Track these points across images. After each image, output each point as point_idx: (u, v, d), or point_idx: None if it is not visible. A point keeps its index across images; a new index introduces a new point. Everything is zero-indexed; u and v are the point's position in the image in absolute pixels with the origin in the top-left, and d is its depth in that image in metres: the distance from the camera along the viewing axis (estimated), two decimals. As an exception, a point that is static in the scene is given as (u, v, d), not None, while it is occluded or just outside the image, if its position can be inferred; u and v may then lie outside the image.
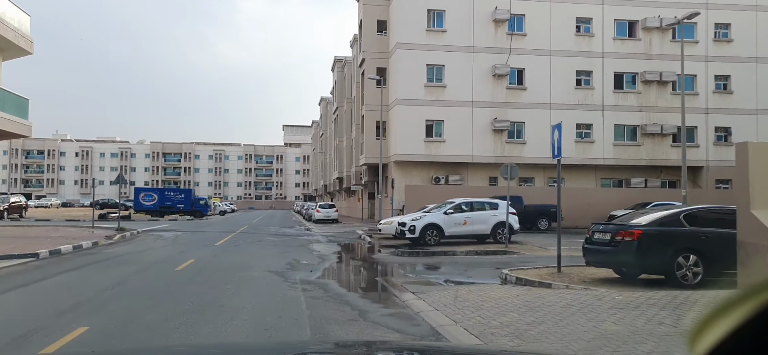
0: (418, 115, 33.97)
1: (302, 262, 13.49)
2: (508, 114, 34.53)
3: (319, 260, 13.90)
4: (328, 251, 16.95)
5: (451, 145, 34.15)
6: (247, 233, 26.60)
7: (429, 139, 34.18)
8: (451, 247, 17.75)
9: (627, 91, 35.66)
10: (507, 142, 34.71)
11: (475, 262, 13.98)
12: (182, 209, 52.61)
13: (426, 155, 34.10)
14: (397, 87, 34.04)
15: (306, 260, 13.98)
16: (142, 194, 52.89)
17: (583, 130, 35.37)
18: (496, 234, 18.96)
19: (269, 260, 13.69)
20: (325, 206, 39.01)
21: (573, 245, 19.46)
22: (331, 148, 65.40)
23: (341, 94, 53.79)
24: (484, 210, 19.35)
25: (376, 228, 26.00)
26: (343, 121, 53.41)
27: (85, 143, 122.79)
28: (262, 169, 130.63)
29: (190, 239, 21.55)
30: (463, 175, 34.88)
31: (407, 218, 19.16)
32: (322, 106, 76.02)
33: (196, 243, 19.31)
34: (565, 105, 34.81)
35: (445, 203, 20.02)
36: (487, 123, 34.45)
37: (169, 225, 34.87)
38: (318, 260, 13.91)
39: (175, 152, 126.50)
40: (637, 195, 32.21)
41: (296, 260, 13.85)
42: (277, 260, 13.92)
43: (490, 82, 34.60)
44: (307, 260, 14.00)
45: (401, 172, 34.30)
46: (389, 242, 20.35)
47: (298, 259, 14.08)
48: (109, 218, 42.56)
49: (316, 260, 13.93)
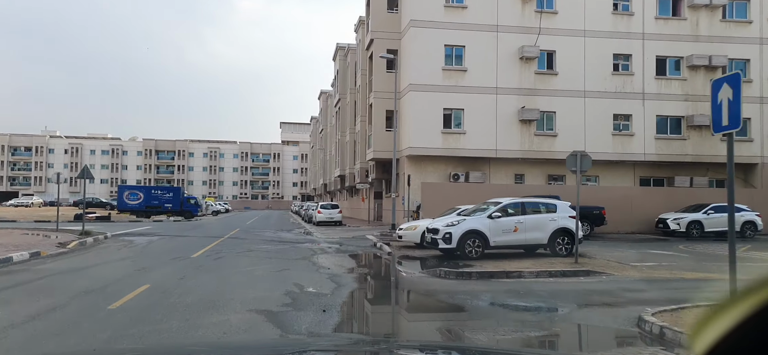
0: (435, 103, 29.72)
1: (308, 289, 9.21)
2: (537, 102, 30.31)
3: (332, 287, 9.56)
4: (341, 268, 12.67)
5: (472, 137, 29.92)
6: (236, 238, 22.32)
7: (447, 131, 29.94)
8: (499, 261, 13.52)
9: (671, 77, 31.47)
10: (535, 135, 30.48)
11: (557, 290, 9.67)
12: (170, 208, 48.45)
13: (443, 149, 29.85)
14: (410, 71, 29.78)
15: (313, 285, 9.67)
16: (127, 192, 48.58)
17: (621, 121, 31.17)
18: (555, 244, 14.76)
19: (259, 287, 9.42)
20: (327, 207, 34.74)
21: (649, 256, 15.40)
22: (332, 144, 61.13)
23: (344, 84, 49.50)
24: (540, 213, 15.14)
25: (394, 234, 21.83)
26: (345, 115, 49.13)
27: (74, 140, 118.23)
28: (259, 168, 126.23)
29: (164, 248, 17.29)
30: (485, 172, 30.65)
31: (439, 222, 14.91)
32: (322, 100, 71.73)
33: (169, 254, 15.04)
34: (601, 93, 30.63)
35: (486, 203, 15.76)
36: (513, 112, 30.22)
37: (150, 227, 30.55)
38: (331, 287, 9.58)
39: (169, 150, 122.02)
40: (685, 195, 28.09)
41: (299, 286, 9.55)
42: (271, 285, 9.65)
43: (516, 66, 30.37)
44: (315, 285, 9.70)
45: (415, 169, 30.05)
46: (414, 252, 16.12)
47: (301, 284, 9.77)
48: (85, 218, 38.19)
49: (328, 286, 9.61)
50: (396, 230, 24.31)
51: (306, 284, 9.69)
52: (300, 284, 9.66)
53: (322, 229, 29.94)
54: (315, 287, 9.48)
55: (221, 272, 11.35)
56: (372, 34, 33.72)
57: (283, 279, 10.38)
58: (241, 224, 36.93)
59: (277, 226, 35.15)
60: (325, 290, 9.20)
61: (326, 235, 24.91)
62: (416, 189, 29.63)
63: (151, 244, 19.04)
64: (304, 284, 9.67)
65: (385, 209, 36.47)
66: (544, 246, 14.80)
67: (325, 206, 34.91)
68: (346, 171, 48.06)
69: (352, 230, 28.97)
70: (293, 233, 27.58)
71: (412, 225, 17.32)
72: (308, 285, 9.62)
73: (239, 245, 18.76)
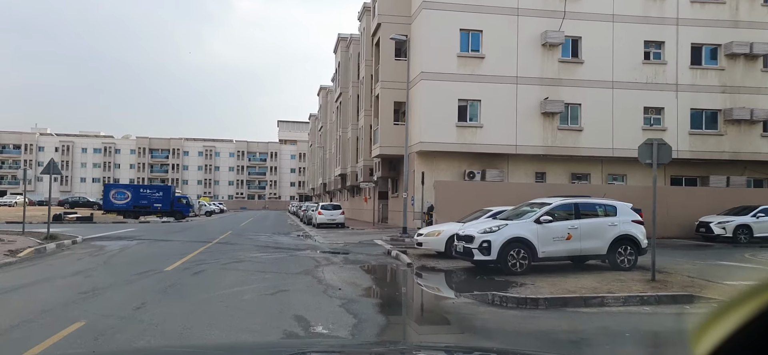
0: (449, 93, 26.86)
1: (315, 329, 6.26)
2: (561, 93, 27.48)
3: (350, 323, 6.51)
4: (356, 289, 9.76)
5: (490, 131, 27.07)
6: (227, 243, 19.42)
7: (462, 124, 27.08)
8: (551, 277, 10.67)
9: (707, 67, 28.67)
10: (559, 129, 27.64)
11: (676, 330, 6.78)
12: (160, 209, 45.52)
13: (458, 144, 26.99)
14: (422, 58, 26.90)
15: (322, 320, 6.71)
16: (113, 191, 45.60)
17: (653, 115, 28.35)
18: (616, 255, 11.91)
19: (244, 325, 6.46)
20: (328, 208, 31.84)
21: (720, 269, 12.56)
22: (332, 142, 58.24)
23: (346, 77, 46.60)
24: (597, 216, 12.28)
25: (407, 239, 19.00)
26: (347, 110, 46.23)
27: (65, 138, 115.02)
28: (255, 167, 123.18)
29: (136, 257, 14.39)
30: (503, 170, 27.80)
31: (474, 228, 12.03)
32: (322, 96, 68.81)
33: (138, 266, 12.14)
34: (631, 84, 27.82)
35: (530, 205, 12.88)
36: (535, 104, 27.38)
37: (133, 229, 27.59)
38: (348, 323, 6.55)
39: (163, 148, 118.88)
40: (725, 196, 25.23)
41: (302, 321, 6.57)
42: (263, 321, 6.74)
43: (538, 53, 27.54)
44: (325, 319, 6.74)
45: (426, 166, 27.18)
46: (439, 263, 13.26)
47: (305, 318, 6.80)
48: (65, 219, 35.28)
49: (344, 322, 6.61)
50: (409, 234, 21.47)
51: (312, 319, 6.77)
52: (304, 319, 6.74)
53: (324, 232, 27.05)
54: (325, 323, 6.57)
55: (196, 295, 8.44)
56: (379, 19, 30.84)
57: (279, 309, 7.48)
58: (235, 226, 34.00)
59: (274, 228, 32.24)
60: (340, 329, 6.30)
61: (329, 239, 22.02)
62: (427, 188, 26.77)
63: (124, 251, 16.13)
64: (310, 319, 6.75)
65: (392, 210, 33.58)
66: (604, 257, 11.93)
67: (326, 206, 32.02)
68: (348, 170, 45.16)
69: (357, 233, 26.07)
70: (291, 236, 24.68)
71: (434, 230, 14.44)
72: (315, 320, 6.71)
73: (228, 252, 15.85)
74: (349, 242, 20.89)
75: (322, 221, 30.82)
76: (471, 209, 23.14)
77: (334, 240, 21.60)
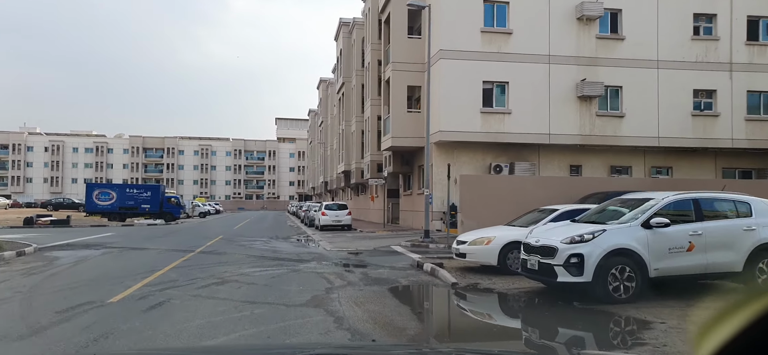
0: (473, 75, 23.34)
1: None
2: (600, 74, 23.96)
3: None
4: (393, 331, 6.23)
5: (519, 118, 23.55)
6: (213, 252, 15.86)
7: (488, 110, 23.54)
8: (672, 306, 7.21)
9: (766, 43, 25.16)
10: (598, 115, 24.11)
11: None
12: (149, 210, 41.93)
13: (483, 133, 23.46)
14: (441, 33, 23.32)
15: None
16: (96, 191, 41.95)
17: (703, 98, 24.84)
18: (756, 272, 8.37)
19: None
20: (333, 208, 28.26)
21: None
22: (334, 137, 54.66)
23: (348, 66, 43.02)
24: (725, 217, 8.73)
25: (436, 246, 15.54)
26: (350, 101, 42.67)
27: (55, 137, 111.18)
28: (253, 167, 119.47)
29: (84, 277, 10.85)
30: (534, 163, 24.29)
31: (550, 236, 8.48)
32: (322, 89, 65.19)
33: (73, 294, 8.57)
34: (678, 63, 24.33)
35: (620, 201, 9.33)
36: (570, 87, 23.87)
37: (109, 235, 24.00)
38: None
39: (157, 147, 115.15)
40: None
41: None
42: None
43: (573, 28, 24.02)
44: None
45: (445, 159, 23.68)
46: (495, 283, 9.74)
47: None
48: (37, 223, 31.68)
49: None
50: (432, 239, 17.93)
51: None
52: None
53: (328, 236, 23.49)
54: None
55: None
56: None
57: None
58: (228, 229, 30.42)
59: (272, 230, 28.67)
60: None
61: (336, 245, 18.46)
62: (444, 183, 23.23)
63: (76, 266, 12.57)
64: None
65: (403, 209, 30.01)
66: (739, 274, 8.39)
67: (330, 206, 28.42)
68: (352, 166, 41.60)
69: (368, 236, 22.49)
70: (292, 242, 21.12)
71: (481, 237, 10.87)
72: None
73: (211, 267, 12.29)
74: (361, 248, 17.32)
75: (326, 223, 27.27)
76: (501, 207, 19.61)
77: (343, 246, 18.03)
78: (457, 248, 11.31)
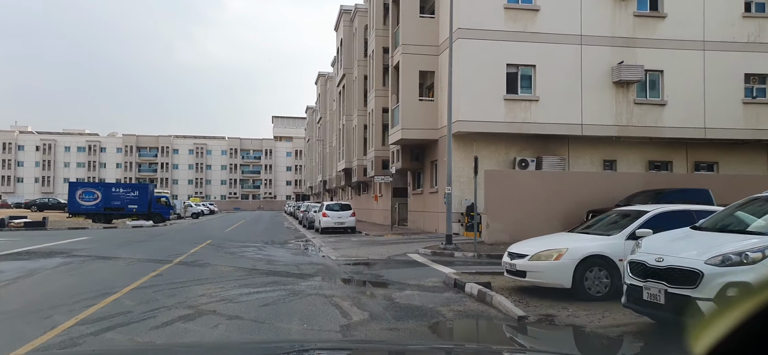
0: (495, 57, 20.57)
1: None
2: (638, 57, 21.19)
3: None
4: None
5: (548, 106, 20.80)
6: (193, 264, 13.01)
7: (512, 97, 20.77)
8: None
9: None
10: (636, 103, 21.36)
11: None
12: (136, 211, 39.05)
13: (507, 123, 20.69)
14: (458, 9, 20.39)
15: None
16: (80, 191, 39.02)
17: (756, 84, 22.10)
18: None
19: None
20: (334, 208, 25.41)
21: None
22: (333, 133, 51.83)
23: (349, 56, 40.18)
24: None
25: (458, 253, 12.85)
26: (352, 94, 39.85)
27: (47, 136, 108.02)
28: (249, 166, 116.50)
29: (20, 300, 8.21)
30: (563, 157, 21.52)
31: (680, 251, 5.67)
32: (321, 84, 62.32)
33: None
34: (727, 43, 21.59)
35: (761, 200, 6.51)
36: (605, 71, 21.11)
37: (82, 239, 21.14)
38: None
39: (151, 146, 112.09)
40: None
41: None
42: None
43: (608, 4, 21.26)
44: None
45: (464, 152, 20.91)
46: (577, 314, 6.90)
47: None
48: (10, 225, 28.80)
49: None
50: (457, 246, 15.17)
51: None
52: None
53: (331, 240, 20.67)
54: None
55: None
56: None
57: None
58: (219, 232, 27.57)
59: (268, 233, 25.84)
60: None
61: (343, 252, 15.64)
62: (463, 179, 20.56)
63: (12, 284, 9.79)
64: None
65: (413, 210, 27.19)
66: None
67: (332, 207, 25.56)
68: (354, 163, 38.76)
69: (377, 241, 19.64)
70: (290, 248, 18.29)
71: (547, 250, 8.02)
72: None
73: (186, 286, 9.47)
74: (373, 257, 14.50)
75: (327, 226, 24.43)
76: (532, 207, 16.88)
77: (350, 254, 15.21)
78: (511, 262, 8.47)
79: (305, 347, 2.25)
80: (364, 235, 23.47)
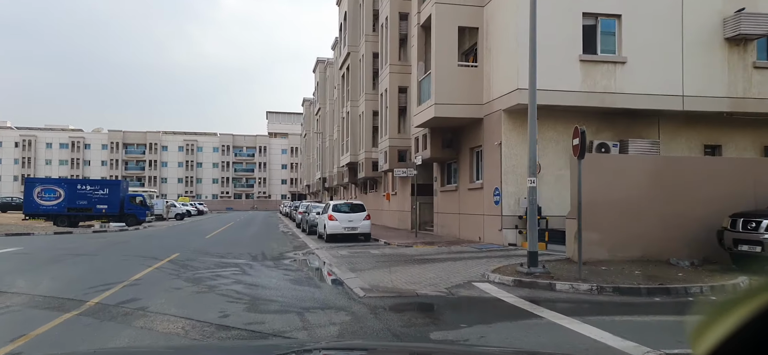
0: (567, 2, 15.07)
1: None
2: (759, 4, 15.70)
3: None
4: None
5: (637, 71, 15.30)
6: (117, 314, 7.41)
7: (590, 58, 15.26)
8: None
9: None
10: (756, 67, 15.87)
11: None
12: (106, 211, 33.40)
13: (584, 94, 15.19)
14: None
15: None
16: (39, 188, 33.25)
17: None
18: None
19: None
20: (344, 209, 19.76)
21: None
22: (335, 125, 46.26)
23: (355, 31, 34.63)
24: None
25: (582, 281, 6.97)
26: (357, 77, 34.33)
27: (27, 132, 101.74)
28: (242, 164, 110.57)
29: None
30: (654, 139, 16.04)
31: None
32: (319, 71, 56.68)
33: None
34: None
35: None
36: (714, 24, 15.62)
37: (12, 250, 15.44)
38: None
39: (138, 143, 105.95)
40: None
41: None
42: None
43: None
44: None
45: (521, 133, 15.45)
46: None
47: None
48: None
49: None
50: (546, 270, 9.70)
51: None
52: None
53: (344, 253, 15.07)
54: None
55: None
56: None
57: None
58: (198, 239, 21.99)
59: (258, 242, 20.24)
60: None
61: (368, 278, 10.07)
62: (523, 173, 15.18)
63: None
64: None
65: (441, 211, 21.61)
66: None
67: (340, 207, 19.89)
68: (360, 157, 33.22)
69: (409, 256, 13.99)
70: (286, 267, 12.69)
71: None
72: None
73: None
74: (423, 289, 8.90)
75: (335, 232, 18.87)
76: (640, 208, 11.52)
77: (381, 282, 9.64)
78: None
79: (306, 347, 2.24)
80: (384, 244, 17.91)
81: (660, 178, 12.00)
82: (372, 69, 31.69)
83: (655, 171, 12.16)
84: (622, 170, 12.19)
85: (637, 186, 11.93)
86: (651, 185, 11.93)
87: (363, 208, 20.01)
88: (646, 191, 11.90)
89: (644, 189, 11.91)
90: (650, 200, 11.86)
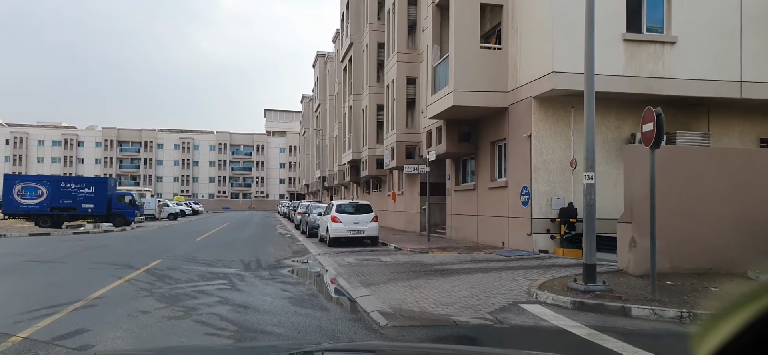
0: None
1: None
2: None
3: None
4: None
5: (688, 53, 13.32)
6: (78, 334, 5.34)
7: (635, 37, 13.27)
8: None
9: None
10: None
11: None
12: (92, 211, 31.35)
13: (628, 79, 13.21)
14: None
15: None
16: (19, 186, 31.19)
17: None
18: None
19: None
20: (348, 209, 17.72)
21: None
22: (336, 122, 44.26)
23: (358, 20, 32.60)
24: None
25: (662, 307, 4.85)
26: (361, 68, 32.32)
27: (18, 129, 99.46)
28: (239, 162, 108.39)
29: None
30: (705, 131, 14.08)
31: None
32: (319, 66, 54.64)
33: None
34: None
35: None
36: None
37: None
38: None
39: (133, 141, 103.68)
40: None
41: None
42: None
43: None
44: None
45: (553, 123, 13.46)
46: None
47: None
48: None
49: None
50: (611, 290, 7.62)
51: None
52: None
53: (350, 260, 13.06)
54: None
55: None
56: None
57: None
58: (187, 242, 19.95)
59: (252, 246, 18.22)
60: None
61: (384, 296, 8.10)
62: (556, 169, 13.27)
63: None
64: None
65: (454, 212, 19.57)
66: None
67: (344, 207, 17.84)
68: (364, 154, 31.20)
69: (428, 266, 11.96)
70: (284, 280, 10.70)
71: None
72: None
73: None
74: (458, 316, 6.86)
75: (339, 235, 16.85)
76: (708, 210, 9.53)
77: (401, 301, 7.65)
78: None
79: (306, 348, 2.22)
80: (394, 249, 15.89)
81: (734, 175, 10.03)
82: (377, 60, 29.71)
83: (728, 167, 10.18)
84: (686, 165, 10.21)
85: (705, 184, 9.96)
86: (723, 184, 9.96)
87: (370, 208, 17.98)
88: (716, 190, 9.93)
89: (714, 188, 9.94)
90: (722, 201, 9.89)
